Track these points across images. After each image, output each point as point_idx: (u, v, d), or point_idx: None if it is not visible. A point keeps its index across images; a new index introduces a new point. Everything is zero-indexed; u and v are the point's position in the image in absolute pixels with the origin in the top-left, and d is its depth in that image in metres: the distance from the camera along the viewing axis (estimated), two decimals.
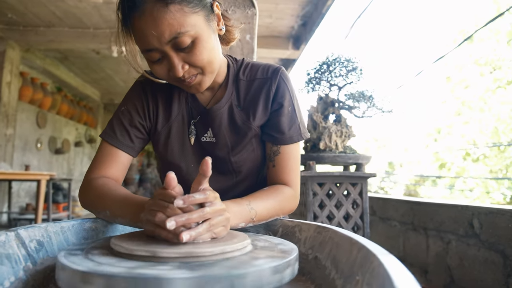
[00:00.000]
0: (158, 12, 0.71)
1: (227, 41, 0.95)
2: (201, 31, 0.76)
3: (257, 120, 0.92)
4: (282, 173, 0.92)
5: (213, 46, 0.81)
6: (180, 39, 0.74)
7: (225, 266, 0.50)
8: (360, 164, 1.84)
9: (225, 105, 0.93)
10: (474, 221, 1.77)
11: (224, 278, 0.46)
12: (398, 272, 0.39)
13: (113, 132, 0.91)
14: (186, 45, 0.75)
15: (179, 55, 0.77)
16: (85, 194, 0.86)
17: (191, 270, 0.47)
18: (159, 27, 0.72)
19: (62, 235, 0.72)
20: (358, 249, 0.56)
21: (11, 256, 0.57)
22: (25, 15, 5.13)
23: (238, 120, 0.93)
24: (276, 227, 0.88)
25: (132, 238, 0.60)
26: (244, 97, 0.94)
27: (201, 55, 0.77)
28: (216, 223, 0.60)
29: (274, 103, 0.92)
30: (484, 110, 11.95)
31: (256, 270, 0.49)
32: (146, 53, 0.78)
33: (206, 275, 0.46)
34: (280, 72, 0.93)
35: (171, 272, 0.46)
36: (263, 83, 0.92)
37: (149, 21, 0.72)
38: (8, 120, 5.51)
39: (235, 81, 0.95)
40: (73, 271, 0.47)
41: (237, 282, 0.46)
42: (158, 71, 0.81)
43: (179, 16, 0.72)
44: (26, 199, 6.46)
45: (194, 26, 0.75)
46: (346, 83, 1.88)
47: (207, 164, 0.59)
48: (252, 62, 0.98)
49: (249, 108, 0.93)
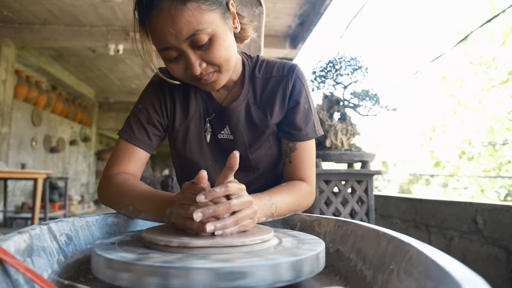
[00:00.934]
0: (176, 10, 0.71)
1: (241, 39, 0.95)
2: (218, 29, 0.76)
3: (274, 117, 0.93)
4: (298, 169, 0.93)
5: (230, 43, 0.81)
6: (197, 36, 0.74)
7: (256, 257, 0.51)
8: (365, 162, 1.86)
9: (242, 103, 0.94)
10: (477, 217, 1.80)
11: (261, 268, 0.47)
12: (442, 257, 0.40)
13: (131, 130, 0.91)
14: (204, 42, 0.75)
15: (196, 53, 0.77)
16: (105, 190, 0.86)
17: (225, 261, 0.49)
18: (177, 24, 0.72)
19: (88, 230, 0.72)
20: (388, 240, 0.57)
21: (46, 249, 0.57)
22: (20, 13, 5.08)
23: (255, 118, 0.94)
24: (294, 221, 0.89)
25: (162, 231, 0.61)
26: (260, 95, 0.94)
27: (219, 52, 0.78)
28: (244, 216, 0.61)
29: (290, 101, 0.93)
30: (479, 109, 12.09)
31: (282, 262, 0.49)
32: (162, 52, 0.78)
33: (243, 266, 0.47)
34: (296, 69, 0.94)
35: (197, 262, 0.47)
36: (279, 81, 0.93)
37: (167, 18, 0.72)
38: (3, 119, 5.46)
39: (251, 79, 0.95)
40: (120, 263, 0.47)
41: (264, 272, 0.47)
42: (174, 70, 0.81)
43: (197, 13, 0.73)
44: (22, 198, 6.41)
45: (211, 24, 0.75)
46: (351, 82, 1.90)
47: (235, 158, 0.59)
48: (266, 59, 0.99)
49: (266, 106, 0.93)
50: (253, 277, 0.46)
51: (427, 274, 0.41)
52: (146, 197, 0.77)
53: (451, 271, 0.35)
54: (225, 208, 0.58)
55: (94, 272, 0.53)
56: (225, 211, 0.59)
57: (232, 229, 0.59)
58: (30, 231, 0.55)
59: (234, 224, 0.59)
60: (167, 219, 0.73)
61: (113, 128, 10.20)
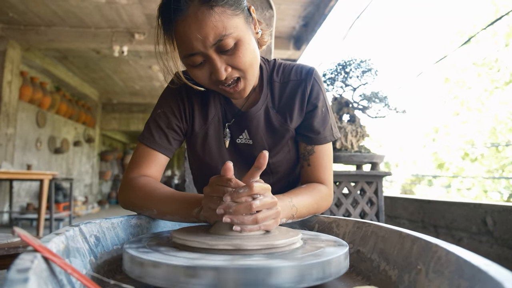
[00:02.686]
0: (203, 15, 0.72)
1: (260, 45, 0.95)
2: (243, 33, 0.77)
3: (294, 122, 0.94)
4: (317, 172, 0.94)
5: (254, 48, 0.82)
6: (224, 41, 0.74)
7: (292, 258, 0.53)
8: (375, 163, 1.88)
9: (262, 107, 0.94)
10: (487, 218, 1.81)
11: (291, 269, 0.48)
12: (474, 257, 0.42)
13: (150, 134, 0.92)
14: (230, 47, 0.76)
15: (222, 58, 0.77)
16: (126, 194, 0.86)
17: (253, 261, 0.50)
18: (203, 29, 0.73)
19: (113, 231, 0.74)
20: (412, 241, 0.58)
21: (80, 250, 0.59)
22: (26, 14, 5.11)
23: (275, 122, 0.94)
24: (312, 223, 0.90)
25: (191, 232, 0.63)
26: (279, 99, 0.95)
27: (244, 57, 0.78)
28: (265, 217, 0.62)
29: (308, 105, 0.93)
30: (482, 110, 12.07)
31: (310, 263, 0.50)
32: (187, 58, 0.78)
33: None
34: (314, 73, 0.94)
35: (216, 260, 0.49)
36: (297, 85, 0.94)
37: (194, 24, 0.73)
38: (9, 120, 5.49)
39: (269, 83, 0.96)
40: (173, 266, 0.48)
41: (292, 273, 0.48)
42: (199, 76, 0.82)
43: (223, 18, 0.73)
44: (27, 198, 6.44)
45: (237, 28, 0.75)
46: (360, 84, 1.91)
47: (265, 158, 0.60)
48: (283, 62, 1.00)
49: (285, 110, 0.94)
50: (280, 277, 0.47)
51: (460, 273, 0.42)
52: (171, 199, 0.78)
53: (488, 270, 0.37)
54: (245, 209, 0.60)
55: (128, 273, 0.54)
56: (245, 211, 0.60)
57: (251, 227, 0.60)
58: (65, 232, 0.56)
59: (253, 222, 0.60)
60: (195, 219, 0.74)
61: (116, 129, 10.24)
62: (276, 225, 0.65)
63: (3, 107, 5.36)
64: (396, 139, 18.60)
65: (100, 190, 10.66)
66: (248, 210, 0.60)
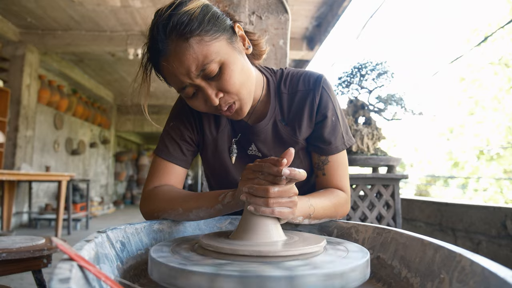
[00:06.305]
0: (181, 49, 0.73)
1: (258, 56, 0.95)
2: (226, 56, 0.77)
3: (302, 133, 0.93)
4: (333, 179, 0.94)
5: (242, 67, 0.81)
6: (207, 69, 0.75)
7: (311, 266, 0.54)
8: (392, 166, 1.87)
9: (270, 121, 0.94)
10: (507, 222, 1.78)
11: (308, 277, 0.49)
12: (500, 268, 0.42)
13: (165, 147, 0.94)
14: (215, 73, 0.77)
15: (211, 85, 0.78)
16: (149, 203, 0.88)
17: (279, 269, 0.51)
18: (185, 63, 0.74)
19: (137, 236, 0.75)
20: (434, 249, 0.58)
21: (108, 256, 0.60)
22: (43, 19, 5.23)
23: (283, 135, 0.94)
24: (330, 228, 0.91)
25: (216, 238, 0.65)
26: (287, 111, 0.94)
27: (231, 79, 0.78)
28: (277, 202, 0.63)
29: (318, 115, 0.92)
30: (498, 109, 11.83)
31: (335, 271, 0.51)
32: (181, 91, 0.81)
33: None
34: (322, 81, 0.92)
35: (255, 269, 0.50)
36: (305, 95, 0.92)
37: (176, 60, 0.75)
38: (28, 122, 5.62)
39: (277, 95, 0.95)
40: (178, 269, 0.50)
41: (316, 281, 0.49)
42: (196, 105, 0.84)
43: (202, 47, 0.74)
44: (45, 199, 6.57)
45: (218, 53, 0.76)
46: (376, 87, 1.90)
47: (291, 155, 0.62)
48: (291, 71, 0.98)
49: (294, 122, 0.93)
50: (304, 284, 0.47)
51: (485, 285, 0.42)
52: (196, 196, 0.82)
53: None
54: (263, 192, 0.62)
55: (154, 279, 0.56)
56: (262, 194, 0.62)
57: (263, 209, 0.62)
58: (95, 239, 0.58)
59: (265, 204, 0.62)
60: (221, 205, 0.77)
61: (131, 130, 10.36)
62: (291, 215, 0.66)
63: (22, 110, 5.49)
64: (411, 139, 18.37)
65: (115, 191, 10.81)
66: (264, 193, 0.62)
